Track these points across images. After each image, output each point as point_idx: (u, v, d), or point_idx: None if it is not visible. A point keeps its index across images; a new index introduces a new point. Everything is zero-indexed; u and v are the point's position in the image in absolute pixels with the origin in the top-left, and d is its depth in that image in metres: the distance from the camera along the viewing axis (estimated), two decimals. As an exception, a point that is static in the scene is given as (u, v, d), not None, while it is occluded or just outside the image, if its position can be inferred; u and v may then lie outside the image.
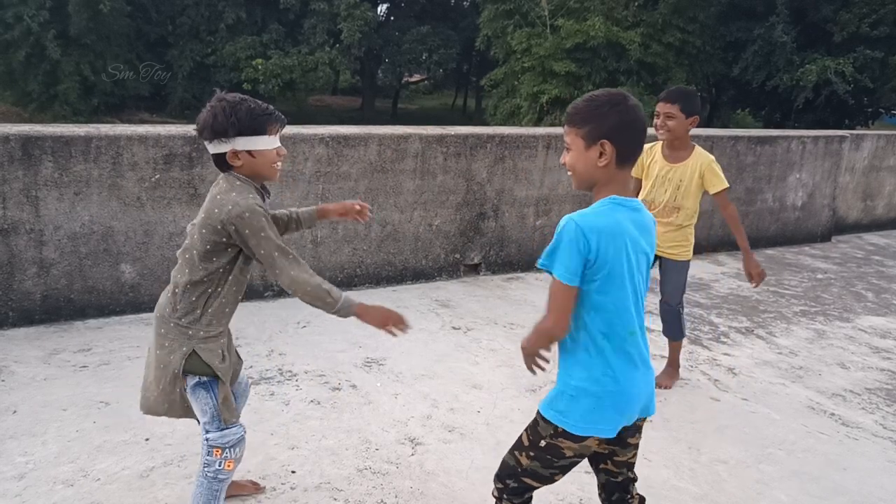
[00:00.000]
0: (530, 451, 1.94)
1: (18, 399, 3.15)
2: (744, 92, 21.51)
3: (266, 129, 2.05)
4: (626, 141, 1.79)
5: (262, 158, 2.07)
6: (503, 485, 2.03)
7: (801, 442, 3.26)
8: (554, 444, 1.89)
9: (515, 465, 1.98)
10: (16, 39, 22.84)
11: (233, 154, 2.04)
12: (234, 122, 2.00)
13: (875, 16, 17.41)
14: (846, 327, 4.90)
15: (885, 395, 3.86)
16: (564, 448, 1.88)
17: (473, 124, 17.49)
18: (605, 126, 1.77)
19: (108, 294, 4.14)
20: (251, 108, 2.03)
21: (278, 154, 2.10)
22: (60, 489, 2.53)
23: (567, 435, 1.86)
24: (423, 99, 38.74)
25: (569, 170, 1.88)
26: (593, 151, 1.79)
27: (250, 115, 2.02)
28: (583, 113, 1.81)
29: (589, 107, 1.81)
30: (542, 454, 1.91)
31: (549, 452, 1.91)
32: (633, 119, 1.79)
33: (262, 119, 2.04)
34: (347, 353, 3.85)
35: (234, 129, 2.00)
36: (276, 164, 2.11)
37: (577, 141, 1.81)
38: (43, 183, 3.86)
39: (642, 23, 20.08)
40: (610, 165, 1.79)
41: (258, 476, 2.68)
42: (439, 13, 30.01)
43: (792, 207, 7.31)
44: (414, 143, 4.95)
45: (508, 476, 2.01)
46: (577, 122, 1.81)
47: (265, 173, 2.10)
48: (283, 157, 2.13)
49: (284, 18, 26.89)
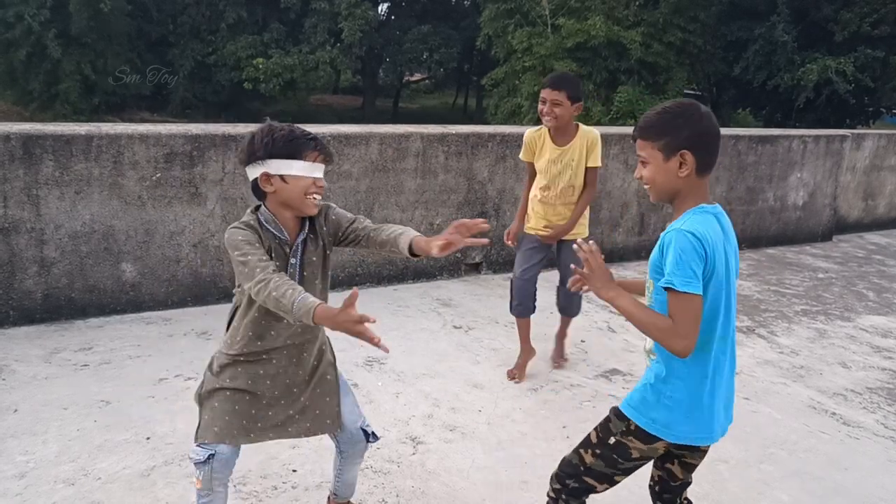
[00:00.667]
0: (597, 448, 1.95)
1: (19, 398, 3.15)
2: (745, 91, 21.47)
3: (302, 155, 1.91)
4: (705, 149, 1.81)
5: (295, 186, 1.91)
6: (562, 486, 2.02)
7: (802, 441, 3.26)
8: (623, 443, 1.91)
9: (578, 463, 1.98)
10: (17, 39, 22.82)
11: (265, 178, 1.92)
12: (267, 142, 1.90)
13: (876, 15, 17.36)
14: (847, 327, 4.90)
15: (887, 394, 3.85)
16: (633, 448, 1.90)
17: (474, 123, 17.48)
18: (683, 136, 1.78)
19: (108, 293, 4.14)
20: (290, 131, 1.93)
21: (315, 185, 1.93)
22: (61, 488, 2.53)
23: (639, 434, 1.87)
24: (423, 98, 38.71)
25: (646, 183, 1.88)
26: (673, 163, 1.80)
27: (286, 138, 1.92)
28: (658, 125, 1.82)
29: (663, 119, 1.82)
30: (609, 452, 1.93)
31: (616, 451, 1.92)
32: (709, 126, 1.82)
33: (298, 143, 1.92)
34: (348, 352, 3.84)
35: (266, 151, 1.90)
36: (312, 197, 1.94)
37: (655, 154, 1.81)
38: (44, 182, 3.86)
39: (643, 22, 20.04)
40: (691, 175, 1.80)
41: (259, 475, 2.68)
42: (440, 12, 29.98)
43: (793, 207, 7.30)
44: (415, 143, 4.94)
45: (569, 476, 2.00)
46: (652, 135, 1.82)
47: (296, 203, 1.94)
48: (320, 189, 1.96)
49: (285, 18, 26.86)
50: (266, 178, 1.92)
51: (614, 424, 1.93)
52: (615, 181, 5.98)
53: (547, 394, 3.57)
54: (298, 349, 2.11)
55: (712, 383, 1.84)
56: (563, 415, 3.35)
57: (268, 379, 2.08)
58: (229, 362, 2.07)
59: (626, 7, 20.40)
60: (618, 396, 3.59)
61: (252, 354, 2.06)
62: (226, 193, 4.36)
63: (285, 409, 2.13)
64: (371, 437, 2.27)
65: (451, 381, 3.60)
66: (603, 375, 3.84)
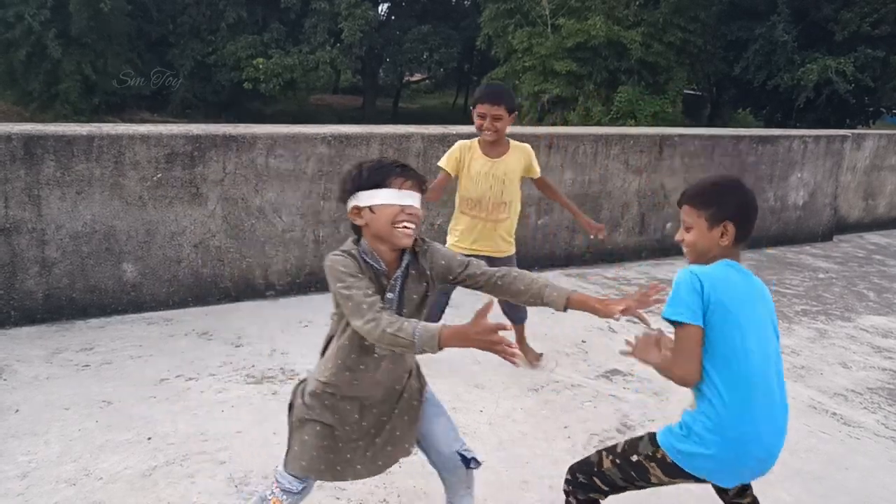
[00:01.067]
0: (618, 458, 2.04)
1: (21, 398, 3.15)
2: (745, 91, 21.47)
3: (387, 182, 1.85)
4: (746, 222, 1.98)
5: (381, 215, 1.84)
6: (572, 476, 2.13)
7: (803, 441, 3.26)
8: (644, 466, 1.99)
9: (596, 463, 2.08)
10: (17, 39, 22.81)
11: (355, 211, 1.88)
12: (356, 175, 1.87)
13: (876, 15, 17.37)
14: (848, 327, 4.90)
15: (887, 394, 3.85)
16: (652, 475, 1.99)
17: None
18: (728, 209, 1.95)
19: (109, 293, 4.14)
20: (378, 161, 1.89)
21: (405, 212, 1.85)
22: (63, 488, 2.53)
23: (663, 464, 1.95)
24: (424, 98, 38.70)
25: (687, 246, 2.03)
26: (716, 231, 1.95)
27: (372, 168, 1.87)
28: (706, 196, 1.99)
29: (712, 191, 2.01)
30: (628, 468, 2.01)
31: (635, 469, 2.01)
32: (752, 201, 2.00)
33: (383, 171, 1.85)
34: (349, 352, 3.85)
35: (354, 184, 1.87)
36: (402, 225, 1.85)
37: (700, 222, 1.97)
38: (45, 182, 3.86)
39: (643, 22, 20.04)
40: (729, 244, 1.97)
41: (260, 475, 2.68)
42: (440, 12, 29.97)
43: (793, 207, 7.30)
44: (416, 143, 4.95)
45: (581, 471, 2.11)
46: (699, 204, 1.98)
47: (385, 234, 1.86)
48: (411, 217, 1.86)
49: (285, 18, 26.86)
50: (356, 211, 1.88)
51: (643, 445, 2.01)
52: (615, 181, 5.98)
53: (548, 394, 3.57)
54: (389, 381, 2.03)
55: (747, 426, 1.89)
56: (564, 415, 3.36)
57: (356, 412, 2.01)
58: (319, 391, 2.00)
59: (627, 7, 20.40)
60: (618, 396, 3.59)
61: (342, 386, 1.98)
62: (226, 194, 4.36)
63: (373, 443, 2.04)
64: (472, 463, 2.10)
65: (451, 381, 3.60)
66: (604, 376, 3.84)
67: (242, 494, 2.57)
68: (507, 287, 1.99)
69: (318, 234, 4.72)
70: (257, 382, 3.44)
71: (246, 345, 3.87)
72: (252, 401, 3.26)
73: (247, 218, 4.46)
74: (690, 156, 6.40)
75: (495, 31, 22.17)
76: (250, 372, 3.55)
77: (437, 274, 1.98)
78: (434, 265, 1.98)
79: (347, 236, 2.00)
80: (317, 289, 4.76)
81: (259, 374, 3.53)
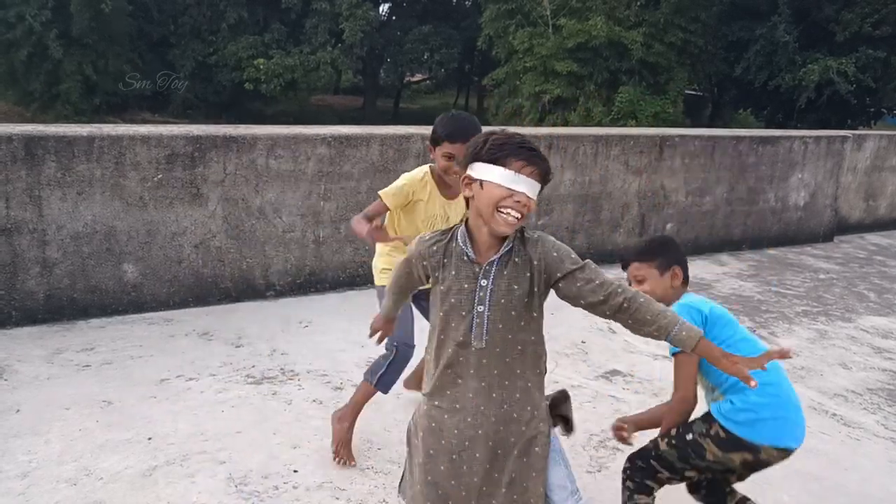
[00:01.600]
0: (674, 440, 2.21)
1: (22, 398, 3.16)
2: (746, 92, 21.47)
3: (505, 161, 1.69)
4: (686, 266, 2.34)
5: (488, 193, 1.70)
6: (631, 463, 2.30)
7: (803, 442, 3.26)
8: (699, 443, 2.15)
9: (653, 447, 2.26)
10: (18, 39, 22.83)
11: (466, 181, 1.77)
12: (479, 144, 1.75)
13: (877, 15, 17.36)
14: (848, 327, 4.90)
15: (887, 395, 3.85)
16: (708, 451, 2.14)
17: (475, 124, 17.43)
18: (672, 255, 2.32)
19: (110, 294, 4.15)
20: (506, 136, 1.75)
21: (513, 199, 1.68)
22: (64, 488, 2.54)
23: (717, 440, 2.12)
24: (424, 98, 38.71)
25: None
26: (667, 276, 2.29)
27: (497, 141, 1.73)
28: (650, 250, 2.33)
29: (653, 245, 2.36)
30: (685, 447, 2.18)
31: (691, 447, 2.17)
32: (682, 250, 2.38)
33: (505, 148, 1.71)
34: (349, 352, 3.85)
35: (475, 154, 1.75)
36: (506, 212, 1.69)
37: (652, 271, 2.29)
38: (46, 183, 3.87)
39: (644, 22, 20.05)
40: (679, 287, 2.30)
41: (261, 475, 2.69)
42: (441, 13, 29.98)
43: (794, 207, 7.30)
44: (416, 143, 4.95)
45: (639, 456, 2.29)
46: (647, 257, 2.31)
47: (486, 214, 1.71)
48: (519, 206, 1.69)
49: (286, 18, 26.87)
50: (468, 181, 1.76)
51: (697, 425, 2.18)
52: (615, 182, 5.99)
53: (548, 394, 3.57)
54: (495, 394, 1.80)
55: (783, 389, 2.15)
56: (564, 415, 3.35)
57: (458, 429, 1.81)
58: (426, 407, 1.87)
59: (627, 7, 20.41)
60: (618, 397, 3.60)
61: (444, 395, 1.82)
62: (227, 194, 4.37)
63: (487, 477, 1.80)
64: None
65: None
66: (603, 376, 3.85)
67: (242, 494, 2.57)
68: (633, 314, 1.71)
69: (318, 235, 4.72)
70: (257, 383, 3.45)
71: (246, 345, 3.88)
72: (252, 401, 3.27)
73: (247, 218, 4.47)
74: (691, 156, 6.40)
75: (496, 32, 22.19)
76: (250, 372, 3.56)
77: (545, 267, 1.76)
78: (545, 256, 1.76)
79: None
80: (317, 289, 4.77)
81: (259, 375, 3.53)
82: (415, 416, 1.94)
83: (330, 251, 4.78)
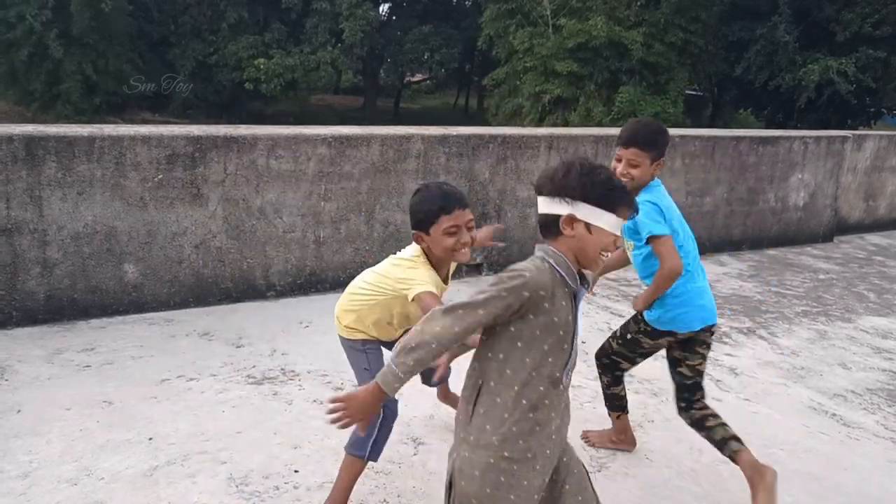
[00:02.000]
0: (619, 340, 2.85)
1: (22, 398, 3.16)
2: (746, 92, 21.48)
3: (616, 208, 1.70)
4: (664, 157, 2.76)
5: (597, 239, 1.70)
6: (598, 361, 2.95)
7: (802, 442, 3.27)
8: (637, 339, 2.78)
9: (607, 347, 2.90)
10: (18, 39, 22.85)
11: (569, 220, 1.70)
12: (585, 183, 1.69)
13: (878, 16, 17.37)
14: (848, 328, 4.91)
15: (887, 395, 3.86)
16: (644, 342, 2.77)
17: (475, 124, 17.47)
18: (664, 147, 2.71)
19: (111, 294, 4.16)
20: (609, 178, 1.73)
21: (615, 244, 1.73)
22: (64, 488, 2.54)
23: (648, 332, 2.73)
24: (424, 98, 38.73)
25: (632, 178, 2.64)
26: (654, 167, 2.67)
27: (606, 185, 1.70)
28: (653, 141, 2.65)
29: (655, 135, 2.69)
30: (628, 343, 2.82)
31: (632, 343, 2.80)
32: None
33: (615, 194, 1.71)
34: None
35: (581, 192, 1.69)
36: (605, 255, 1.73)
37: (646, 161, 2.64)
38: (46, 183, 3.87)
39: (644, 22, 20.05)
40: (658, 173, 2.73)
41: (261, 475, 2.69)
42: (441, 13, 30.00)
43: (794, 208, 7.31)
44: (416, 144, 4.96)
45: (603, 356, 2.92)
46: (648, 147, 2.62)
47: (590, 257, 1.72)
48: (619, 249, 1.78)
49: (286, 18, 26.89)
50: (570, 220, 1.71)
51: (630, 327, 2.81)
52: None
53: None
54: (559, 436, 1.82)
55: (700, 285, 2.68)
56: (564, 415, 3.36)
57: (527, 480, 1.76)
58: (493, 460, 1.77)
59: (628, 7, 20.42)
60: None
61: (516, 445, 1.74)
62: (227, 194, 4.38)
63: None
64: None
65: (452, 382, 3.61)
66: (603, 376, 3.85)
67: (243, 494, 2.58)
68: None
69: (318, 235, 4.72)
70: (258, 383, 3.45)
71: (247, 345, 3.88)
72: (253, 401, 3.27)
73: (247, 219, 4.47)
74: (691, 156, 6.41)
75: (496, 32, 22.19)
76: (251, 372, 3.56)
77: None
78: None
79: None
80: (317, 289, 4.77)
81: (260, 375, 3.54)
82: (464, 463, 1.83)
83: (330, 251, 4.78)
